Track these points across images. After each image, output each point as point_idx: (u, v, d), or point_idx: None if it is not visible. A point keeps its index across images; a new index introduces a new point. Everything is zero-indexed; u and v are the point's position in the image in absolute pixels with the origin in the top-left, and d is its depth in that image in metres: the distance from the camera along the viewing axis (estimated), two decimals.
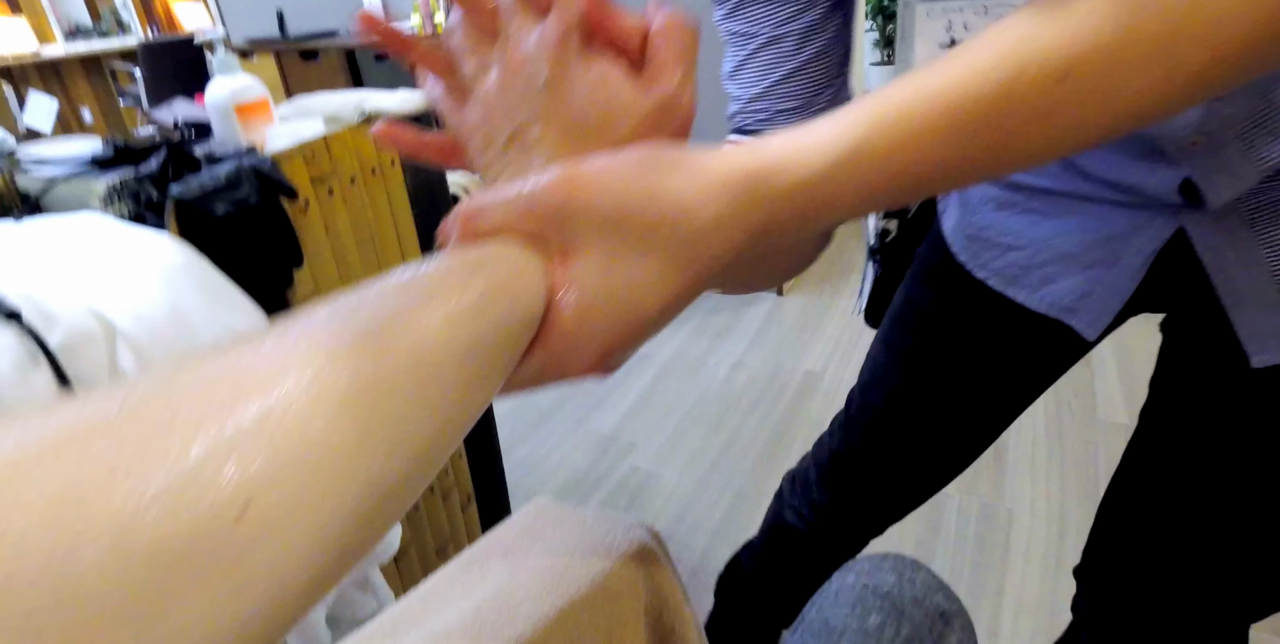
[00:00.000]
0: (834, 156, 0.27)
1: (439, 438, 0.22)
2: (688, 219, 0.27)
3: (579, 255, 0.27)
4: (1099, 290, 0.59)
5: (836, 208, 0.28)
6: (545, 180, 0.27)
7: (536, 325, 0.27)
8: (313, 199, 0.88)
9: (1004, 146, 0.28)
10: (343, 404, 0.19)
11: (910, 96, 0.27)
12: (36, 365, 0.56)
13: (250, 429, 0.17)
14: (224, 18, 3.79)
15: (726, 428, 1.86)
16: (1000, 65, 0.27)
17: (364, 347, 0.20)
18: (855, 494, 0.85)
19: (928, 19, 0.46)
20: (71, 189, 0.80)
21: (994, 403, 0.75)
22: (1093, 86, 0.26)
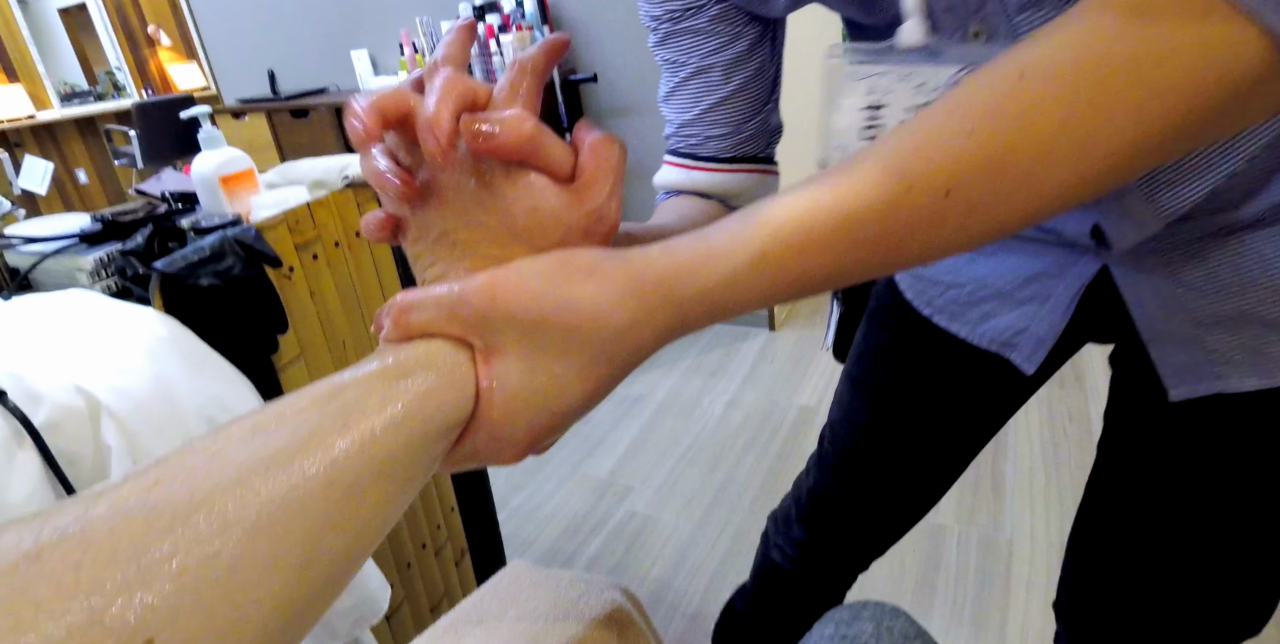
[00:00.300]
0: (737, 264, 0.29)
1: (352, 549, 0.23)
2: (602, 323, 0.29)
3: (503, 355, 0.29)
4: (1033, 326, 0.61)
5: (742, 306, 0.30)
6: (470, 287, 0.29)
7: (464, 423, 0.29)
8: (297, 265, 0.90)
9: (893, 252, 0.30)
10: (255, 528, 0.20)
11: (808, 208, 0.29)
12: (21, 444, 0.57)
13: (157, 565, 0.18)
14: (217, 79, 3.88)
15: (723, 467, 1.86)
16: (888, 181, 0.29)
17: (278, 468, 0.22)
18: (834, 530, 0.87)
19: (851, 81, 0.48)
20: (60, 264, 0.82)
21: (956, 435, 0.77)
22: (975, 200, 0.28)
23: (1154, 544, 0.61)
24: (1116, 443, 0.64)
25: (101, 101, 5.92)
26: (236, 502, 0.21)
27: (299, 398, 0.25)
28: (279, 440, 0.23)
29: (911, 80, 0.45)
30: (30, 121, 5.41)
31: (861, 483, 0.82)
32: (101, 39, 5.92)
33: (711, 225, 0.32)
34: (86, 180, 5.82)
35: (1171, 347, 0.53)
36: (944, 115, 0.29)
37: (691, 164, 0.58)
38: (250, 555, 0.20)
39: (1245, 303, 0.50)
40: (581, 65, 2.74)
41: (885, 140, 0.31)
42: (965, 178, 0.28)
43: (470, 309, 0.29)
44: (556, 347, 0.29)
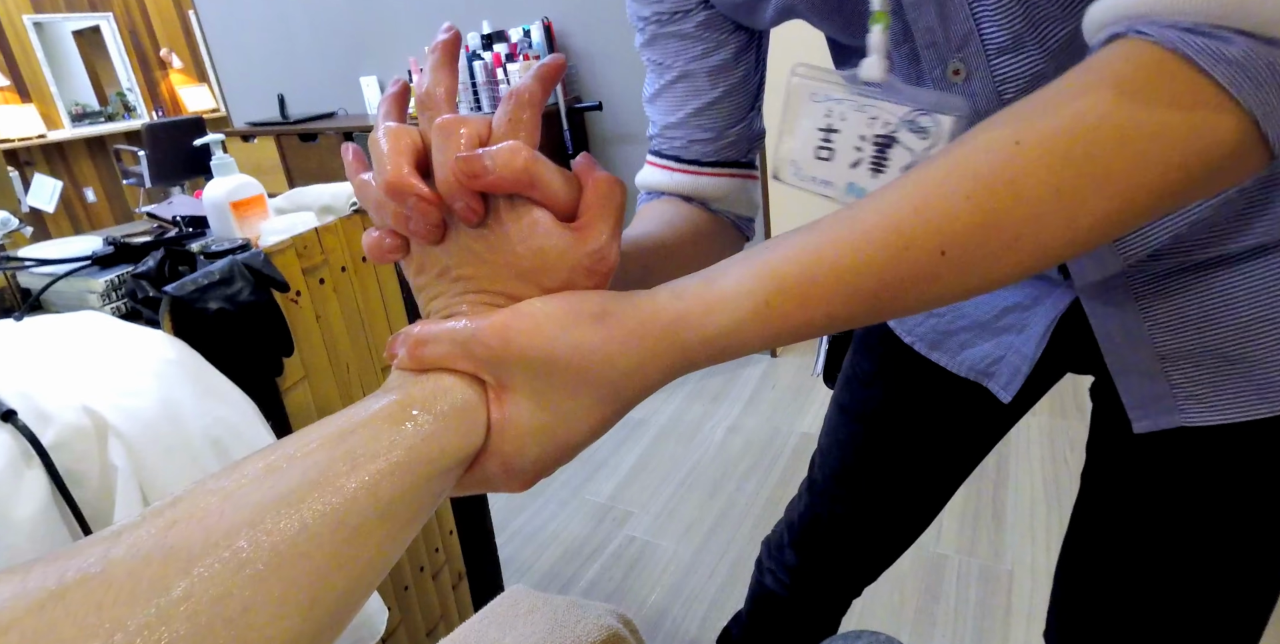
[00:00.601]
0: (742, 313, 0.31)
1: (358, 587, 0.25)
2: (610, 367, 0.30)
3: (514, 393, 0.31)
4: (1010, 355, 0.63)
5: (744, 350, 0.32)
6: (484, 328, 0.30)
7: (473, 457, 0.31)
8: (304, 289, 0.91)
9: (889, 304, 0.32)
10: (267, 569, 0.22)
11: (812, 261, 0.31)
12: (30, 464, 0.58)
13: (174, 606, 0.20)
14: (227, 101, 3.94)
15: (724, 493, 1.86)
16: (889, 238, 0.31)
17: (289, 509, 0.23)
18: (825, 555, 0.87)
19: (811, 102, 0.49)
20: (72, 286, 0.83)
21: (942, 461, 0.78)
22: (968, 259, 0.30)
23: (1133, 573, 0.61)
24: (1096, 474, 0.65)
25: (112, 122, 6.01)
26: (250, 543, 0.22)
27: (308, 438, 0.26)
28: (289, 482, 0.24)
29: (866, 112, 0.47)
30: (41, 140, 5.49)
31: (850, 508, 0.83)
32: (114, 60, 6.03)
33: (716, 268, 0.33)
34: (94, 199, 5.87)
35: (1136, 379, 0.55)
36: (943, 174, 0.31)
37: (675, 166, 0.58)
38: (262, 596, 0.21)
39: (1209, 340, 0.51)
40: (586, 93, 2.79)
41: (887, 193, 0.32)
42: (960, 239, 0.30)
43: (484, 349, 0.30)
44: (566, 386, 0.30)
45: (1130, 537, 0.61)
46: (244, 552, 0.21)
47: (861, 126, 0.48)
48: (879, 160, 0.48)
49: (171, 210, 1.06)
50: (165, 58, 6.27)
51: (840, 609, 0.94)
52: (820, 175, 0.51)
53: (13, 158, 5.18)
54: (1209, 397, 0.52)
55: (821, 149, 0.50)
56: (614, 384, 0.31)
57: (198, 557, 0.21)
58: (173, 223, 1.02)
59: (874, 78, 0.46)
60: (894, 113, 0.46)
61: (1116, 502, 0.63)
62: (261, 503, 0.23)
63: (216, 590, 0.20)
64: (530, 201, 0.32)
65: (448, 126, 0.32)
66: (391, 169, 0.32)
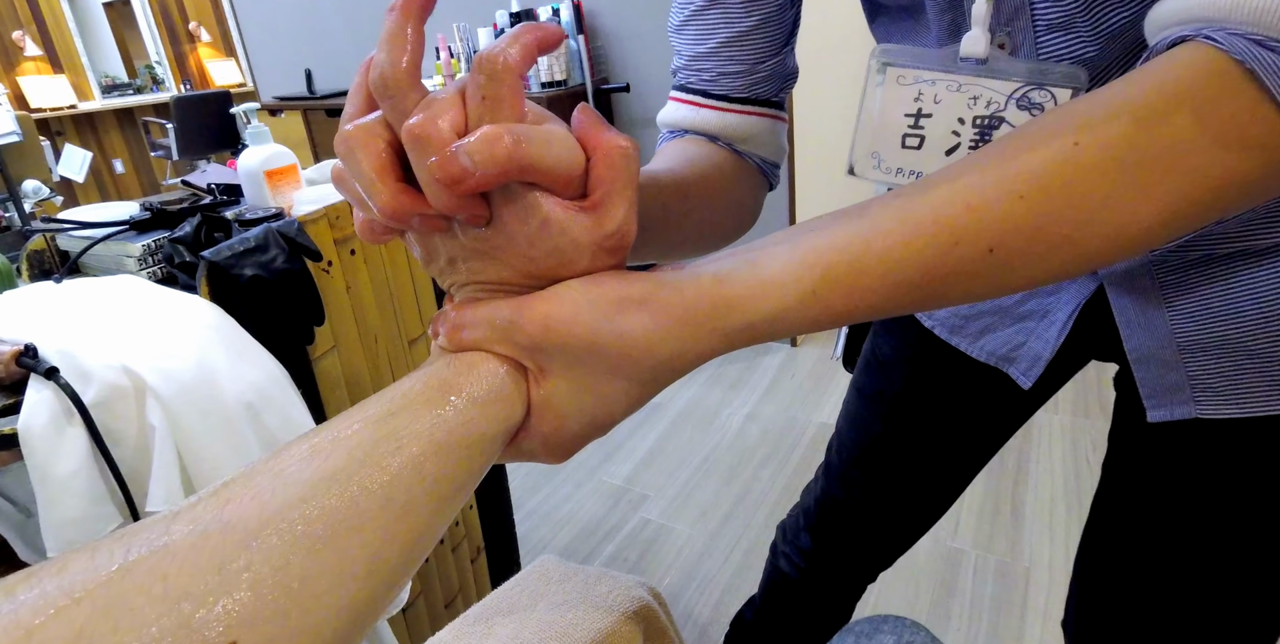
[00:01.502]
0: (788, 301, 0.31)
1: (410, 557, 0.25)
2: (651, 354, 0.30)
3: (553, 377, 0.31)
4: (1031, 341, 0.62)
5: (782, 335, 0.32)
6: (524, 317, 0.30)
7: (514, 433, 0.31)
8: (335, 260, 0.92)
9: (931, 298, 0.32)
10: (321, 541, 0.22)
11: (861, 252, 0.31)
12: (71, 421, 0.59)
13: (235, 575, 0.20)
14: (254, 76, 3.95)
15: (739, 480, 1.86)
16: (939, 234, 0.30)
17: (339, 486, 0.24)
18: (840, 539, 0.87)
19: (898, 85, 0.46)
20: (109, 250, 0.84)
21: (961, 446, 0.77)
22: (1014, 259, 0.31)
23: (1149, 564, 0.61)
24: (1116, 464, 0.65)
25: (140, 94, 6.04)
26: (303, 517, 0.22)
27: (350, 421, 0.27)
28: (336, 461, 0.25)
29: (966, 92, 0.44)
30: (72, 111, 5.54)
31: (867, 492, 0.83)
32: (143, 33, 6.05)
33: (760, 249, 0.32)
34: (123, 170, 5.93)
35: (1154, 369, 0.54)
36: (999, 171, 0.31)
37: (702, 102, 0.55)
38: (318, 566, 0.22)
39: (1232, 332, 0.50)
40: (614, 75, 2.77)
41: (937, 185, 0.32)
42: (1009, 238, 0.30)
43: (524, 336, 0.30)
44: (606, 372, 0.30)
45: (1147, 527, 0.61)
46: (298, 525, 0.22)
47: (960, 108, 0.45)
48: (981, 143, 0.45)
49: (205, 178, 1.07)
50: (194, 31, 6.29)
51: (855, 595, 0.94)
52: (908, 166, 0.48)
53: (44, 127, 5.23)
54: (1226, 389, 0.52)
55: (910, 137, 0.47)
56: (654, 369, 0.31)
57: (254, 531, 0.21)
58: (207, 190, 1.03)
59: (977, 53, 0.43)
60: (1000, 90, 0.43)
61: (1134, 492, 0.62)
62: (311, 481, 0.24)
63: (275, 562, 0.21)
64: (532, 188, 0.29)
65: (420, 135, 0.27)
66: (383, 193, 0.28)
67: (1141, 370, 0.55)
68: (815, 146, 2.39)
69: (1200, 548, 0.58)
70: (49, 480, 0.56)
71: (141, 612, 0.19)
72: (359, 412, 0.27)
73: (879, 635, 0.56)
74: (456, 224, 0.31)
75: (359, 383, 0.97)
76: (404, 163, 0.29)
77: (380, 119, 0.29)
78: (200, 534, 0.21)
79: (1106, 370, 0.63)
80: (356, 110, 0.31)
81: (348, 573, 0.23)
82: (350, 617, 0.23)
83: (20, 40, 5.34)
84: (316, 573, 0.22)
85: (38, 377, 0.60)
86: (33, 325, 0.66)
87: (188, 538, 0.21)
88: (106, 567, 0.20)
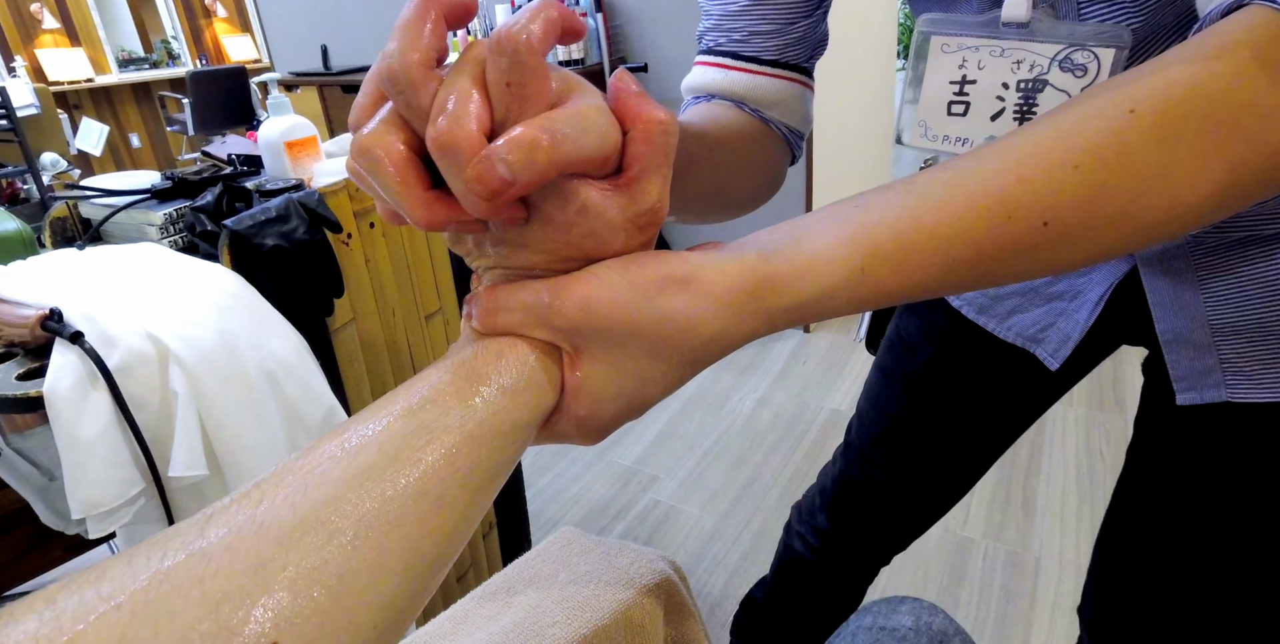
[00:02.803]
0: (835, 280, 0.30)
1: (447, 550, 0.25)
2: (694, 335, 0.29)
3: (591, 360, 0.29)
4: (1060, 322, 0.61)
5: (827, 315, 0.31)
6: (562, 300, 0.28)
7: (546, 417, 0.30)
8: (355, 232, 0.91)
9: (983, 275, 0.31)
10: (356, 539, 0.22)
11: (910, 227, 0.30)
12: (95, 385, 0.59)
13: (272, 576, 0.20)
14: (271, 51, 3.94)
15: (749, 464, 1.86)
16: (992, 206, 0.29)
17: (371, 483, 0.23)
18: (857, 519, 0.87)
19: (943, 54, 0.47)
20: (131, 218, 0.84)
21: (983, 428, 0.77)
22: (1068, 232, 0.29)
23: (1173, 551, 0.61)
24: (1142, 449, 0.65)
25: (156, 69, 6.04)
26: (338, 515, 0.22)
27: (379, 414, 0.26)
28: (369, 457, 0.24)
29: (1009, 57, 0.44)
30: (89, 85, 5.54)
31: (886, 472, 0.82)
32: (159, 7, 6.04)
33: (803, 225, 0.31)
34: (139, 144, 5.94)
35: (1186, 351, 0.54)
36: (1052, 140, 0.30)
37: (731, 63, 0.53)
38: (355, 563, 0.22)
39: (1266, 316, 0.50)
40: (632, 54, 2.74)
41: (988, 157, 0.30)
42: (1064, 211, 0.29)
43: (563, 320, 0.28)
44: (646, 354, 0.29)
45: (1171, 512, 0.61)
46: (332, 523, 0.22)
47: (1004, 73, 0.45)
48: (1026, 107, 0.45)
49: (225, 149, 1.07)
50: (210, 6, 6.27)
51: (868, 577, 0.94)
52: (954, 133, 0.48)
53: (62, 100, 5.24)
54: (1258, 373, 0.51)
55: (955, 104, 0.47)
56: (695, 350, 0.30)
57: (289, 531, 0.21)
58: (228, 161, 1.02)
59: (1018, 17, 0.43)
60: (1043, 53, 0.43)
61: (1159, 477, 0.62)
62: (344, 477, 0.23)
63: (312, 560, 0.21)
64: (569, 178, 0.28)
65: (448, 144, 0.25)
66: (415, 205, 0.27)
67: (1173, 353, 0.54)
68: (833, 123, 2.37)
69: (1224, 534, 0.57)
70: (74, 443, 0.56)
71: (181, 615, 0.19)
72: (386, 405, 0.27)
73: (896, 616, 0.56)
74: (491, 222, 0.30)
75: (377, 355, 0.97)
76: (428, 162, 0.27)
77: (393, 119, 0.27)
78: (235, 535, 0.21)
79: (1122, 364, 0.63)
80: (368, 100, 0.28)
81: (385, 569, 0.22)
82: (390, 613, 0.23)
83: (38, 13, 5.34)
84: (354, 571, 0.22)
85: (62, 341, 0.60)
86: (57, 291, 0.66)
87: (223, 540, 0.21)
88: (145, 572, 0.20)
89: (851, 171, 2.58)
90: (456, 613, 0.43)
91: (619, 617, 0.43)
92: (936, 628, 0.55)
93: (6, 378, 0.62)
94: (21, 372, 0.63)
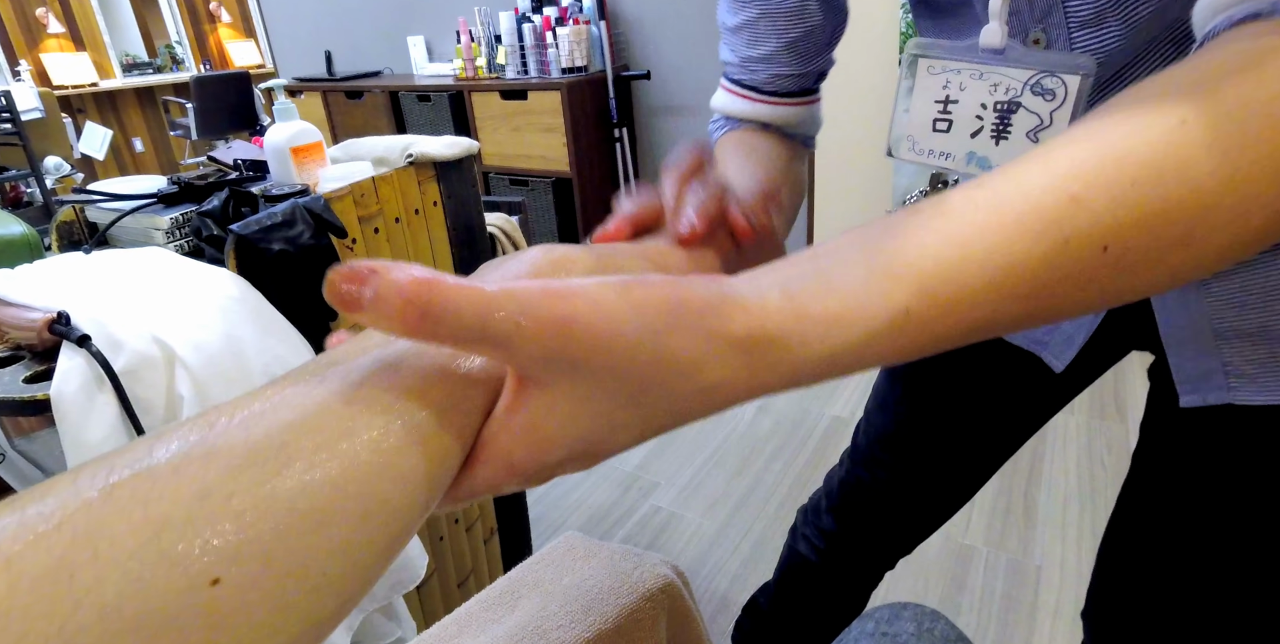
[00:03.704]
0: (876, 326, 0.25)
1: (412, 502, 0.22)
2: (693, 381, 0.24)
3: (551, 394, 0.23)
4: (1065, 324, 0.62)
5: (861, 368, 0.26)
6: (539, 321, 0.22)
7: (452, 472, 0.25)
8: (360, 237, 0.92)
9: (1044, 310, 0.27)
10: (311, 472, 0.20)
11: (959, 259, 0.26)
12: (101, 388, 0.60)
13: (220, 505, 0.19)
14: (275, 57, 3.96)
15: (750, 472, 1.86)
16: (1047, 232, 0.26)
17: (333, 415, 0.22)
18: (863, 522, 0.87)
19: (929, 75, 0.50)
20: (137, 222, 0.84)
21: (991, 431, 0.77)
22: (1131, 259, 0.26)
23: (1178, 554, 0.61)
24: (1147, 453, 0.65)
25: (160, 73, 6.07)
26: (294, 445, 0.20)
27: (355, 354, 0.25)
28: (334, 384, 0.22)
29: (987, 80, 0.48)
30: (93, 89, 5.57)
31: (893, 474, 0.83)
32: (164, 12, 6.07)
33: (824, 256, 0.27)
34: (142, 149, 5.96)
35: (1189, 353, 0.54)
36: (1098, 158, 0.27)
37: (756, 97, 0.60)
38: (307, 502, 0.20)
39: (1270, 318, 0.50)
40: (635, 62, 2.76)
41: (1030, 175, 0.27)
42: (1126, 232, 0.26)
43: (534, 346, 0.22)
44: (629, 397, 0.24)
45: (1176, 515, 0.61)
46: (288, 454, 0.20)
47: (982, 94, 0.48)
48: (1001, 127, 0.48)
49: (231, 154, 1.07)
50: (214, 12, 6.30)
51: (872, 582, 0.94)
52: (938, 148, 0.52)
53: (66, 104, 5.26)
54: (1262, 376, 0.52)
55: (939, 121, 0.51)
56: (688, 398, 0.24)
57: (239, 458, 0.20)
58: (233, 166, 1.03)
59: (994, 44, 0.46)
60: (1017, 78, 0.47)
61: (1164, 480, 0.62)
62: (306, 405, 0.22)
63: (259, 492, 0.19)
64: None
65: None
66: None
67: (1175, 354, 0.55)
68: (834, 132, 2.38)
69: (1228, 537, 0.57)
70: (80, 446, 0.56)
71: (122, 541, 0.17)
72: (364, 339, 0.26)
73: (899, 622, 0.56)
74: None
75: None
76: None
77: None
78: (183, 457, 0.19)
79: (1124, 373, 0.63)
80: None
81: (339, 511, 0.20)
82: (343, 563, 0.20)
83: (43, 17, 5.37)
84: (304, 508, 0.20)
85: (70, 344, 0.60)
86: (64, 294, 0.66)
87: (171, 461, 0.19)
88: (88, 490, 0.18)
89: (851, 183, 2.59)
90: (460, 616, 0.43)
91: (623, 621, 0.43)
92: (939, 634, 0.56)
93: (14, 380, 0.62)
94: (28, 374, 0.63)
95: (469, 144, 1.05)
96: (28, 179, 3.45)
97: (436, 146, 1.05)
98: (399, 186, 0.99)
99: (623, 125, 2.75)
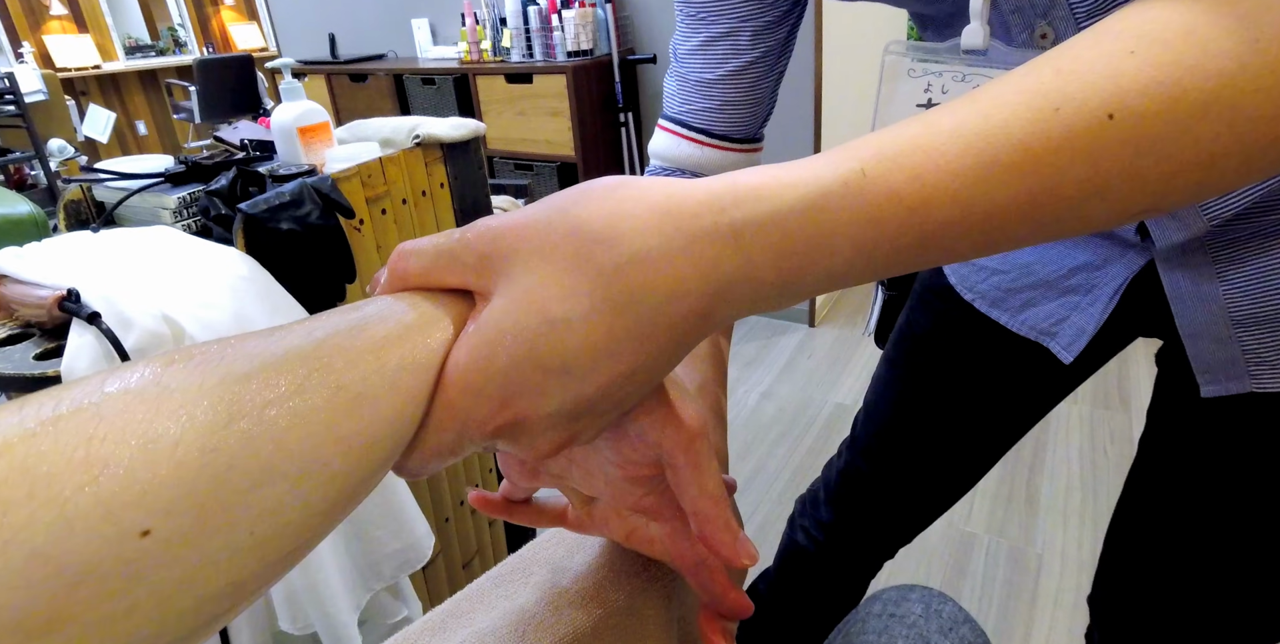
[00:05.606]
0: (826, 182, 0.23)
1: (354, 470, 0.22)
2: (611, 250, 0.23)
3: (494, 297, 0.24)
4: (1074, 316, 0.62)
5: (829, 251, 0.23)
6: (472, 231, 0.25)
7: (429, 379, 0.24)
8: (367, 218, 0.92)
9: (1044, 193, 0.23)
10: (256, 425, 0.19)
11: (920, 131, 0.24)
12: (112, 365, 0.60)
13: (163, 451, 0.18)
14: (278, 39, 3.93)
15: (753, 457, 1.86)
16: (1030, 101, 0.24)
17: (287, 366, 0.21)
18: (861, 512, 0.87)
19: (909, 78, 0.49)
20: (145, 202, 0.84)
21: (991, 422, 0.77)
22: (1148, 131, 0.23)
23: (1186, 540, 0.61)
24: (1155, 439, 0.65)
25: (163, 56, 6.04)
26: (245, 397, 0.20)
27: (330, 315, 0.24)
28: (295, 339, 0.22)
29: (970, 81, 0.46)
30: (96, 72, 5.54)
31: (892, 465, 0.83)
32: None
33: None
34: (145, 132, 5.95)
35: (1207, 343, 0.54)
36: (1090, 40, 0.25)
37: (705, 140, 0.59)
38: (247, 456, 0.19)
39: None
40: (640, 45, 2.74)
41: (1004, 78, 0.25)
42: (1133, 99, 0.23)
43: (469, 253, 0.24)
44: (555, 281, 0.23)
45: (1187, 501, 0.61)
46: (236, 405, 0.19)
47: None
48: None
49: (238, 134, 1.07)
50: None
51: (871, 571, 0.94)
52: None
53: (69, 87, 5.23)
54: None
55: None
56: (619, 277, 0.22)
57: (190, 402, 0.19)
58: (240, 146, 1.02)
59: (976, 45, 0.45)
60: (996, 73, 0.45)
61: (1176, 466, 0.62)
62: (263, 355, 0.21)
63: (202, 442, 0.18)
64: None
65: None
66: None
67: (1194, 346, 0.54)
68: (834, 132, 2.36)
69: (1240, 522, 0.57)
70: None
71: (59, 481, 0.17)
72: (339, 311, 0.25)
73: (906, 603, 0.56)
74: None
75: None
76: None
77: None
78: (135, 396, 0.19)
79: (1127, 362, 0.63)
80: None
81: (278, 470, 0.19)
82: (273, 524, 0.19)
83: None
84: (244, 463, 0.19)
85: (80, 321, 0.60)
86: (73, 272, 0.66)
87: (121, 398, 0.18)
88: (33, 420, 0.17)
89: None
90: (472, 592, 0.43)
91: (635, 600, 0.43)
92: (946, 615, 0.56)
93: (24, 357, 0.62)
94: (39, 352, 0.63)
95: (476, 126, 1.04)
96: (32, 161, 3.45)
97: (443, 128, 1.04)
98: (406, 168, 0.98)
99: (628, 109, 2.74)
